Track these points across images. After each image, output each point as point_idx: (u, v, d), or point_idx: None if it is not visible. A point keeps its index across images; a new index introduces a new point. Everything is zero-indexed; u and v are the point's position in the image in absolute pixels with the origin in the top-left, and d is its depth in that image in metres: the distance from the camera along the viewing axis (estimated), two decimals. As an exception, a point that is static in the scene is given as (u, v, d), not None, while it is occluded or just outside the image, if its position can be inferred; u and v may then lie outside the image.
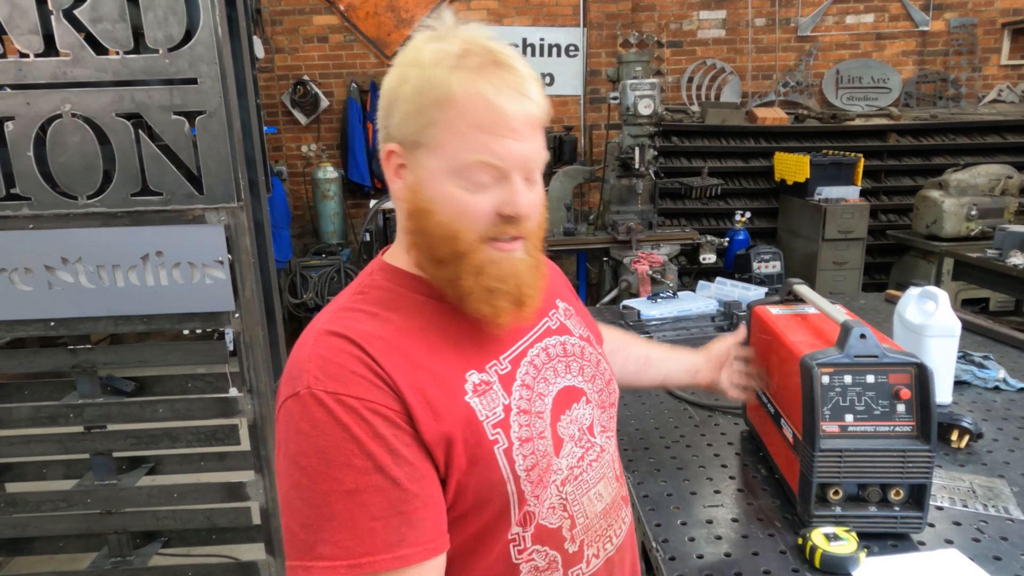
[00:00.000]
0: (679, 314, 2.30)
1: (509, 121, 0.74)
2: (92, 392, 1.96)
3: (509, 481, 0.76)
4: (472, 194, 0.75)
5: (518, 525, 0.79)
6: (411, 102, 0.75)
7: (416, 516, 0.69)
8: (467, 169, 0.74)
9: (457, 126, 0.73)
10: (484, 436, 0.75)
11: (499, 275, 0.77)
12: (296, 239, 5.61)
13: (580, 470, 0.85)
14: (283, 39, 5.47)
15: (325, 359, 0.71)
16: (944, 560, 1.04)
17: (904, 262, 4.86)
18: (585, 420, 0.88)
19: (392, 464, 0.69)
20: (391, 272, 0.83)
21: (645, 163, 4.23)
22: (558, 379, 0.87)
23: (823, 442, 1.07)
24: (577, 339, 0.94)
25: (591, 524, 0.86)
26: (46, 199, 1.71)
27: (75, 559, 2.51)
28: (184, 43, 1.63)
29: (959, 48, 5.68)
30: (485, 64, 0.74)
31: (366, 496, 0.68)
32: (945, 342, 1.52)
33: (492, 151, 0.74)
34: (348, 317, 0.77)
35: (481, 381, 0.78)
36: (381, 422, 0.69)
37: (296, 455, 0.70)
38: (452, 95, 0.73)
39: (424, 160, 0.76)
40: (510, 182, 0.76)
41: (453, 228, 0.75)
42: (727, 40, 5.67)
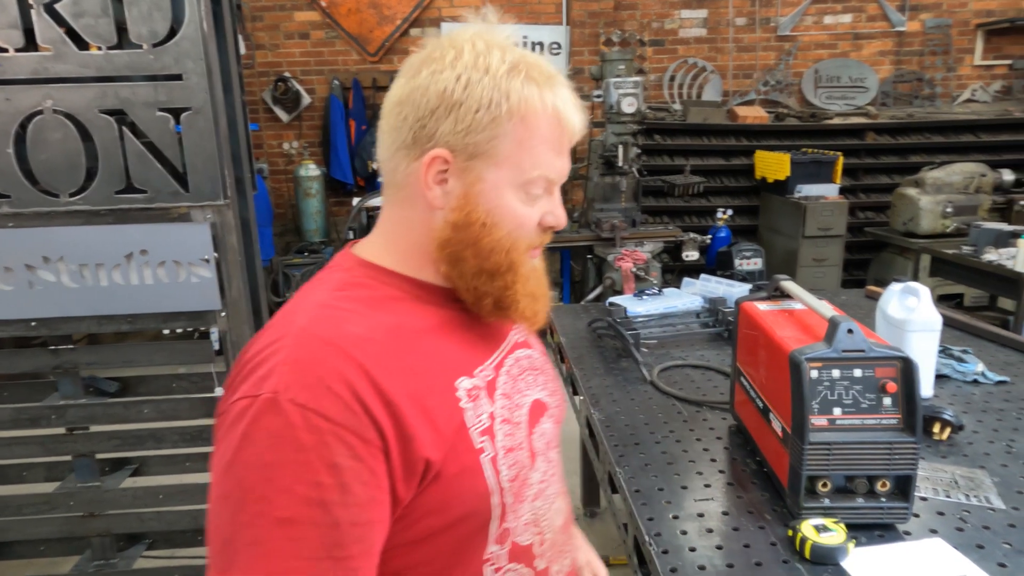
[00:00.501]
0: (665, 311, 2.32)
1: (572, 137, 0.76)
2: (74, 393, 1.93)
3: (495, 492, 0.73)
4: (527, 206, 0.76)
5: (495, 543, 0.76)
6: (482, 111, 0.71)
7: (349, 566, 0.62)
8: (530, 184, 0.74)
9: (529, 141, 0.73)
10: (471, 444, 0.72)
11: (537, 281, 0.80)
12: (278, 237, 5.56)
13: (546, 484, 0.84)
14: (264, 35, 5.42)
15: (302, 365, 0.64)
16: (929, 549, 1.06)
17: (881, 259, 4.94)
18: (549, 434, 0.87)
19: (339, 502, 0.61)
20: (373, 269, 0.78)
21: (628, 161, 4.26)
22: (529, 391, 0.85)
23: (812, 435, 1.09)
24: (538, 353, 0.93)
25: (556, 539, 0.85)
26: (27, 197, 1.68)
27: (56, 563, 2.47)
28: (169, 38, 1.61)
29: (934, 48, 5.79)
30: (552, 77, 0.75)
31: (299, 530, 0.60)
32: (927, 336, 1.55)
33: (554, 167, 0.75)
34: (336, 317, 0.69)
35: (473, 386, 0.75)
36: (344, 451, 0.61)
37: (235, 463, 0.61)
38: (530, 108, 0.72)
39: (483, 171, 0.73)
40: (553, 194, 0.78)
41: (512, 241, 0.75)
42: (708, 39, 5.72)
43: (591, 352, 2.07)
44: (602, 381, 1.82)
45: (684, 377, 1.83)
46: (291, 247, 5.37)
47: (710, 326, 2.19)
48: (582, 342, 2.17)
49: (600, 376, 1.86)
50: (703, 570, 1.04)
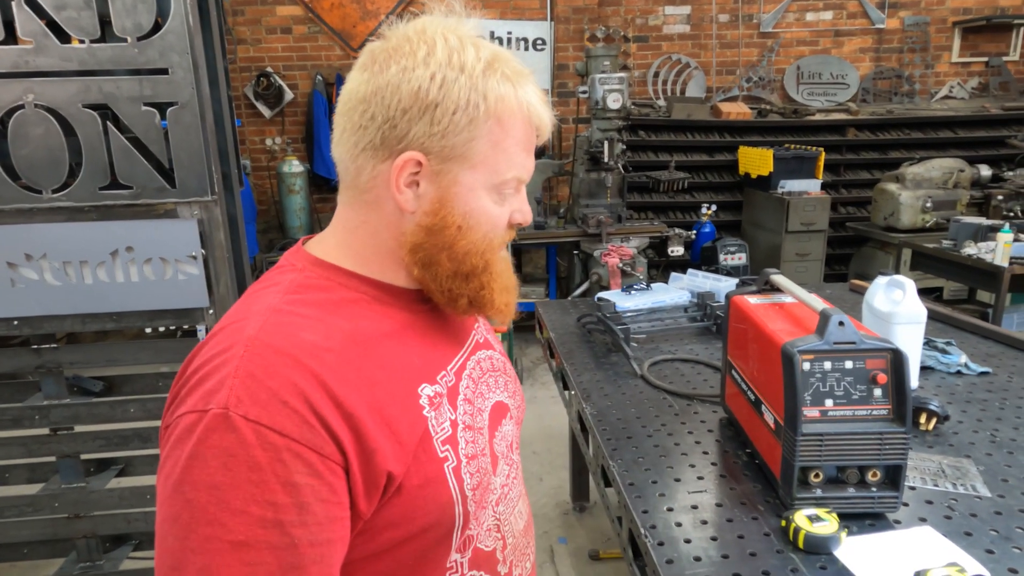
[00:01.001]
0: (653, 305, 2.33)
1: (543, 135, 0.75)
2: (58, 393, 1.90)
3: (458, 502, 0.70)
4: (500, 207, 0.74)
5: (457, 551, 0.74)
6: (459, 113, 0.67)
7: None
8: (504, 185, 0.73)
9: (504, 141, 0.71)
10: (434, 454, 0.69)
11: (508, 273, 0.80)
12: (261, 234, 5.51)
13: (508, 488, 0.83)
14: (245, 30, 5.36)
15: (255, 379, 0.59)
16: (919, 537, 1.08)
17: (863, 253, 5.01)
18: (510, 437, 0.86)
19: (297, 522, 0.58)
20: (328, 269, 0.73)
21: (614, 157, 4.27)
22: (491, 394, 0.83)
23: (805, 427, 1.10)
24: (498, 354, 0.92)
25: (517, 543, 0.84)
26: (8, 193, 1.64)
27: (38, 566, 2.43)
28: (154, 32, 1.59)
29: (913, 45, 5.87)
30: (521, 75, 0.72)
31: (254, 553, 0.56)
32: (912, 329, 1.58)
33: (525, 167, 0.74)
34: (290, 324, 0.64)
35: (435, 393, 0.73)
36: (301, 468, 0.58)
37: (184, 483, 0.57)
38: (508, 109, 0.70)
39: (459, 174, 0.70)
40: (520, 191, 0.76)
41: (488, 242, 0.74)
42: (692, 35, 5.75)
43: (581, 347, 2.08)
44: (593, 376, 1.83)
45: (674, 371, 1.84)
46: (274, 244, 5.32)
47: (698, 320, 2.20)
48: (571, 337, 2.18)
49: (591, 371, 1.87)
50: (698, 561, 1.05)
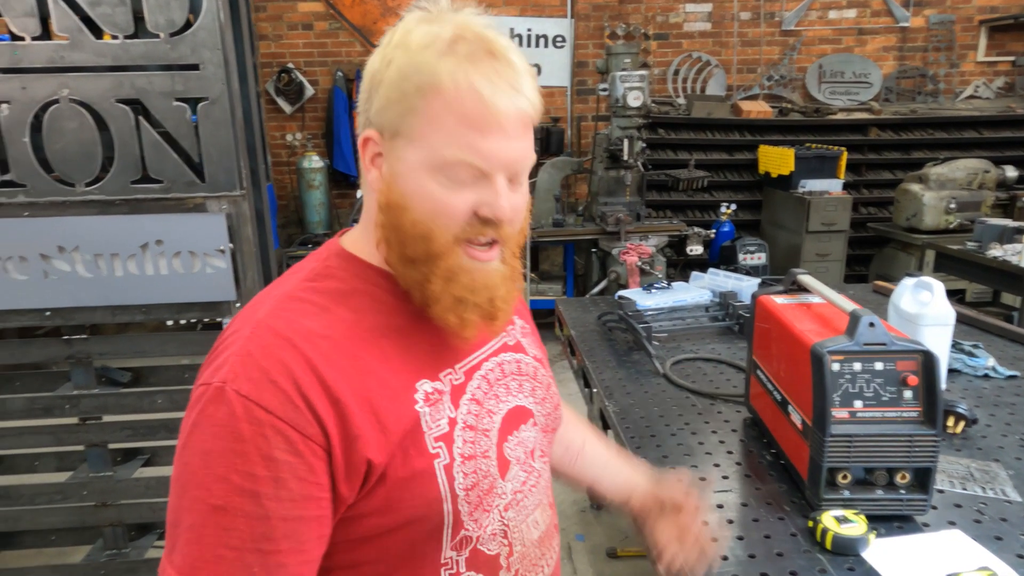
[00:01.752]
0: (674, 304, 2.33)
1: (499, 118, 0.67)
2: (87, 383, 1.93)
3: (446, 500, 0.70)
4: (450, 192, 0.68)
5: (452, 549, 0.73)
6: (394, 87, 0.68)
7: (275, 561, 0.62)
8: (448, 166, 0.68)
9: (442, 118, 0.67)
10: (425, 448, 0.70)
11: (471, 285, 0.71)
12: (281, 229, 5.56)
13: (522, 495, 0.80)
14: (267, 26, 5.40)
15: (251, 357, 0.64)
16: (949, 540, 1.07)
17: (884, 254, 4.95)
18: (530, 443, 0.83)
19: (271, 494, 0.61)
20: (349, 260, 0.76)
21: (634, 155, 4.26)
22: (510, 397, 0.81)
23: (833, 427, 1.10)
24: (531, 359, 0.89)
25: (527, 552, 0.81)
26: (42, 186, 1.68)
27: (65, 552, 2.47)
28: (186, 28, 1.61)
29: (938, 44, 5.79)
30: (478, 53, 0.67)
31: (230, 519, 0.61)
32: (940, 331, 1.56)
33: (476, 150, 0.67)
34: (295, 310, 0.69)
35: (434, 390, 0.73)
36: (282, 445, 0.62)
37: (185, 448, 0.64)
38: (439, 83, 0.66)
39: (402, 151, 0.69)
40: (492, 182, 0.69)
41: (427, 227, 0.69)
42: (712, 33, 5.71)
43: (602, 345, 2.08)
44: (615, 374, 1.83)
45: (696, 370, 1.84)
46: (294, 239, 5.36)
47: (720, 320, 2.19)
48: (592, 335, 2.18)
49: (612, 369, 1.87)
50: (725, 560, 1.05)
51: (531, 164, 0.74)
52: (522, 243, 0.78)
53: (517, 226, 0.74)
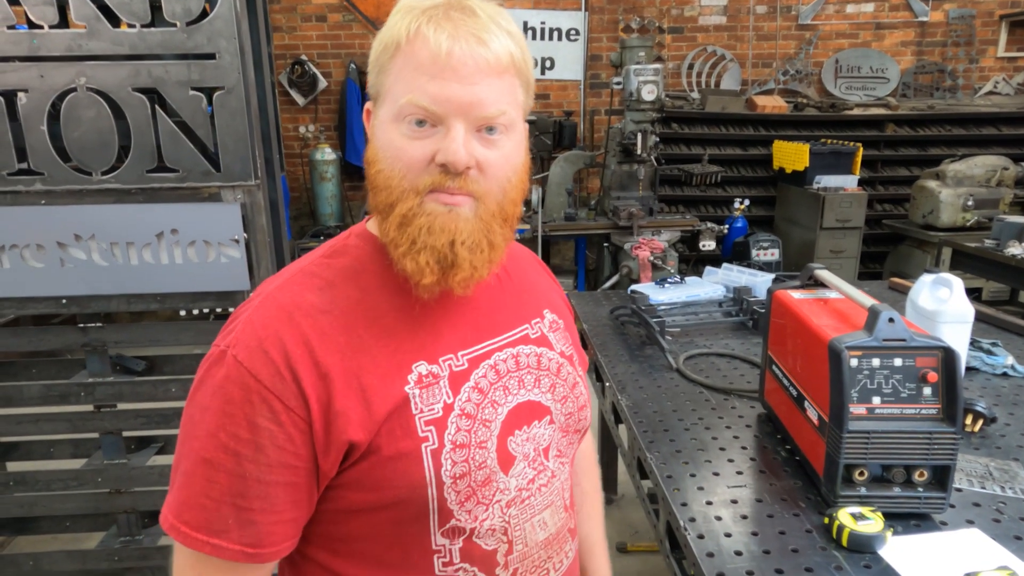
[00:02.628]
0: (688, 299, 2.31)
1: (451, 62, 0.67)
2: (102, 371, 1.94)
3: (431, 485, 0.70)
4: (411, 140, 0.69)
5: (444, 537, 0.73)
6: (373, 53, 0.73)
7: (247, 518, 0.66)
8: (404, 111, 0.68)
9: (401, 70, 0.69)
10: (413, 431, 0.70)
11: (428, 226, 0.69)
12: (293, 221, 5.57)
13: (528, 493, 0.79)
14: (281, 18, 5.40)
15: (252, 325, 0.69)
16: (967, 539, 1.06)
17: (899, 251, 4.91)
18: (543, 441, 0.81)
19: (251, 457, 0.66)
20: (367, 240, 0.78)
21: (647, 149, 4.23)
22: (522, 391, 0.80)
23: (851, 424, 1.08)
24: (556, 355, 0.86)
25: (529, 552, 0.79)
26: (59, 174, 1.69)
27: (79, 538, 2.50)
28: (202, 17, 1.61)
29: (957, 39, 5.71)
30: (441, 8, 0.69)
31: (214, 472, 0.66)
32: (958, 328, 1.54)
33: (425, 91, 0.67)
34: (303, 283, 0.73)
35: (429, 373, 0.73)
36: (265, 412, 0.66)
37: (191, 401, 0.70)
38: (398, 37, 0.69)
39: (378, 110, 0.73)
40: (450, 130, 0.68)
41: (388, 176, 0.70)
42: (728, 27, 5.66)
43: (614, 339, 2.07)
44: (627, 368, 1.83)
45: (710, 365, 1.83)
46: (306, 231, 5.38)
47: (733, 315, 2.18)
48: (605, 329, 2.17)
49: (625, 363, 1.86)
50: (739, 555, 1.05)
51: (506, 116, 0.71)
52: (509, 210, 0.74)
53: (495, 183, 0.71)
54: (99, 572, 2.10)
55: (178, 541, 0.68)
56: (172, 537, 0.68)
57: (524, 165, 0.76)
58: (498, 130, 0.71)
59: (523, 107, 0.75)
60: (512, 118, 0.72)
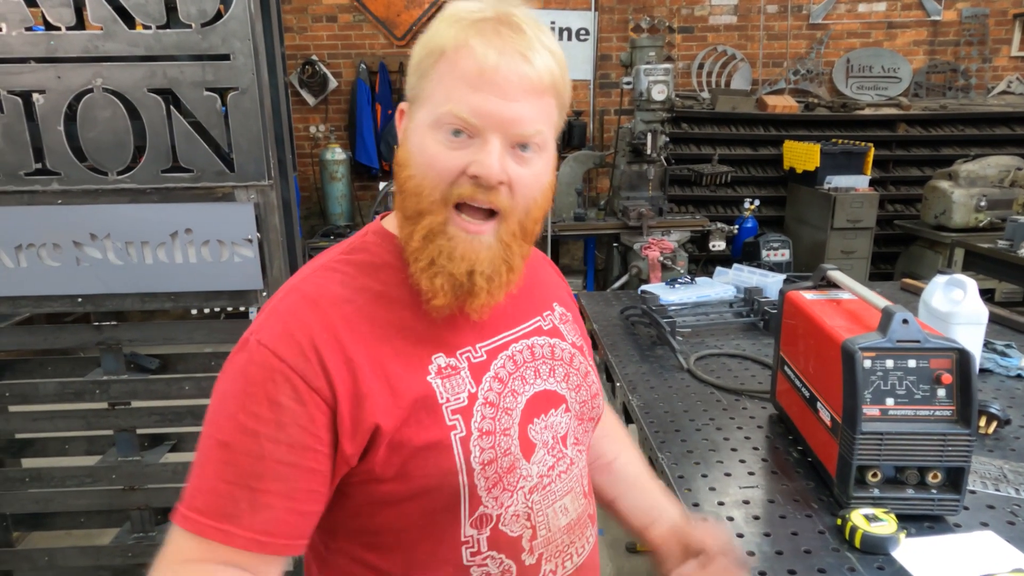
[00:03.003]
0: (698, 300, 2.31)
1: (495, 77, 0.68)
2: (117, 369, 1.96)
3: (461, 472, 0.72)
4: (446, 149, 0.70)
5: (472, 527, 0.74)
6: (415, 57, 0.74)
7: (262, 501, 0.65)
8: (442, 120, 0.70)
9: (444, 77, 0.70)
10: (442, 420, 0.72)
11: (449, 251, 0.71)
12: (303, 220, 5.60)
13: (549, 480, 0.80)
14: (292, 18, 5.42)
15: (278, 314, 0.71)
16: (982, 541, 1.06)
17: (911, 252, 4.87)
18: (560, 429, 0.83)
19: (270, 435, 0.65)
20: (384, 237, 0.80)
21: (657, 149, 4.23)
22: (538, 381, 0.82)
23: (864, 425, 1.08)
24: (568, 345, 0.88)
25: (553, 538, 0.81)
26: (76, 174, 1.70)
27: (93, 535, 2.53)
28: (217, 19, 1.62)
29: (970, 39, 5.66)
30: (490, 22, 0.71)
31: (230, 454, 0.65)
32: (972, 330, 1.54)
33: (467, 103, 0.69)
34: (325, 277, 0.75)
35: (448, 365, 0.74)
36: (288, 391, 0.66)
37: (214, 391, 0.71)
38: (444, 45, 0.70)
39: (416, 113, 0.73)
40: (487, 143, 0.69)
41: (419, 182, 0.71)
42: (738, 27, 5.64)
43: (625, 339, 2.07)
44: (638, 368, 1.83)
45: (721, 366, 1.82)
46: (316, 230, 5.40)
47: (744, 316, 2.17)
48: (615, 329, 2.17)
49: (635, 363, 1.86)
50: (752, 556, 1.05)
51: (543, 136, 0.72)
52: (530, 227, 0.75)
53: (522, 202, 0.72)
54: (112, 568, 2.12)
55: (184, 528, 0.65)
56: (177, 525, 0.66)
57: (551, 185, 0.77)
58: (531, 148, 0.72)
59: (556, 127, 0.77)
60: (546, 138, 0.74)
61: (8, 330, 2.08)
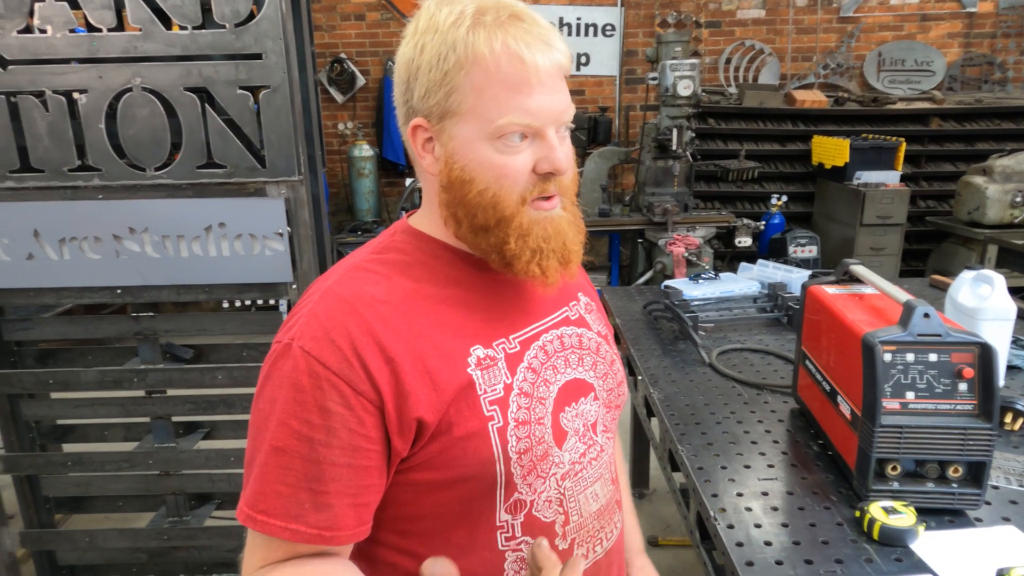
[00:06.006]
0: (722, 295, 2.31)
1: (540, 76, 0.71)
2: (153, 358, 2.03)
3: (499, 461, 0.74)
4: (509, 156, 0.72)
5: (507, 512, 0.77)
6: (434, 70, 0.71)
7: (323, 501, 0.69)
8: (503, 131, 0.71)
9: (485, 87, 0.70)
10: (480, 411, 0.74)
11: (544, 235, 0.76)
12: (331, 216, 5.68)
13: (581, 466, 0.83)
14: (321, 16, 5.50)
15: (317, 318, 0.71)
16: (1003, 536, 1.06)
17: (943, 249, 4.78)
18: (591, 416, 0.85)
19: (324, 441, 0.68)
20: (413, 235, 0.82)
21: (683, 145, 4.21)
22: (568, 369, 0.84)
23: (884, 418, 1.09)
24: (595, 334, 0.90)
25: (584, 523, 0.83)
26: (116, 170, 1.77)
27: (129, 518, 2.62)
28: (250, 19, 1.67)
29: (1007, 31, 5.52)
30: (504, 18, 0.71)
31: (288, 459, 0.68)
32: (1000, 326, 1.52)
33: (526, 110, 0.71)
34: (359, 278, 0.76)
35: (486, 356, 0.76)
36: (336, 398, 0.68)
37: (259, 396, 0.72)
38: (477, 54, 0.70)
39: (454, 129, 0.73)
40: (545, 138, 0.73)
41: (493, 194, 0.73)
42: (767, 21, 5.58)
43: (647, 334, 2.08)
44: (660, 362, 1.84)
45: (743, 360, 1.83)
46: (344, 226, 5.48)
47: (768, 311, 2.17)
48: (637, 324, 2.19)
49: (657, 357, 1.88)
50: (769, 546, 1.06)
51: (572, 113, 0.77)
52: (576, 191, 0.82)
53: (570, 175, 0.78)
54: (149, 550, 2.19)
55: (255, 530, 0.70)
56: (248, 527, 0.70)
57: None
58: (564, 127, 0.77)
59: None
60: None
61: (51, 320, 2.16)
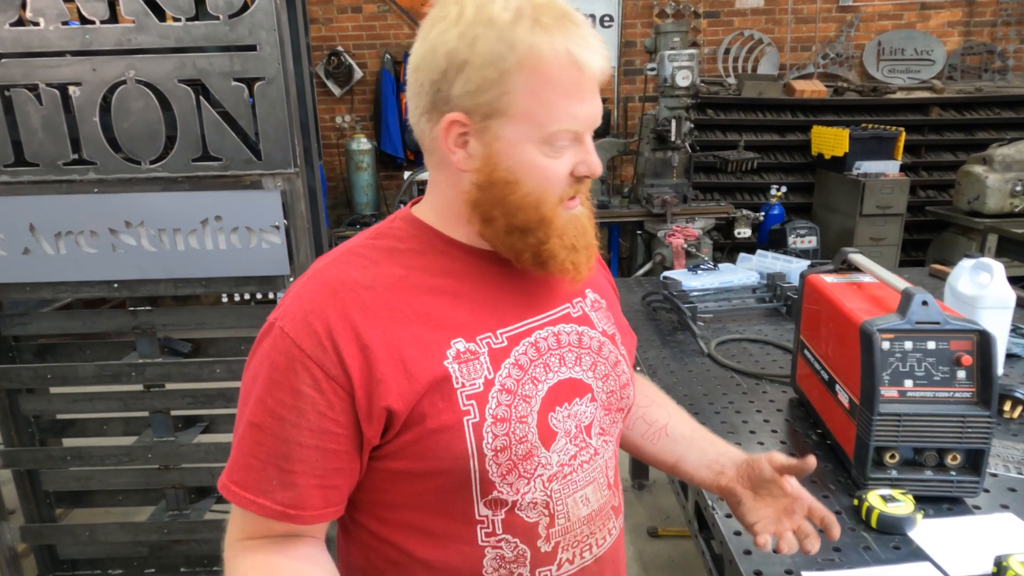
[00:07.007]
0: (720, 285, 2.31)
1: (592, 83, 0.71)
2: (152, 352, 2.03)
3: (472, 457, 0.73)
4: (554, 159, 0.73)
5: (486, 508, 0.76)
6: (488, 67, 0.69)
7: (289, 479, 0.71)
8: (553, 138, 0.71)
9: (541, 92, 0.69)
10: (456, 404, 0.73)
11: (575, 232, 0.77)
12: (329, 210, 5.67)
13: (571, 469, 0.80)
14: (317, 9, 5.47)
15: (300, 299, 0.73)
16: (1001, 524, 1.06)
17: (943, 239, 4.78)
18: (585, 418, 0.82)
19: (293, 422, 0.70)
20: (413, 223, 0.81)
21: (682, 136, 4.19)
22: (563, 368, 0.81)
23: (882, 406, 1.09)
24: (598, 334, 0.87)
25: (571, 527, 0.81)
26: (111, 164, 1.76)
27: (130, 512, 2.62)
28: (244, 10, 1.66)
29: (1007, 19, 5.49)
30: (562, 21, 0.69)
31: (261, 435, 0.71)
32: (999, 314, 1.52)
33: (575, 116, 0.71)
34: (348, 262, 0.76)
35: (466, 350, 0.75)
36: (308, 380, 0.70)
37: (246, 371, 0.75)
38: (539, 58, 0.68)
39: (502, 130, 0.71)
40: (583, 143, 0.74)
41: (537, 196, 0.73)
42: (766, 10, 5.55)
43: (646, 325, 2.08)
44: (659, 353, 1.84)
45: (742, 350, 1.83)
46: (342, 219, 5.46)
47: (767, 301, 2.17)
48: (637, 315, 2.18)
49: (656, 348, 1.87)
50: (767, 534, 1.06)
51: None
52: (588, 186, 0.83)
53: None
54: (149, 543, 2.20)
55: (229, 500, 0.73)
56: (224, 496, 0.73)
57: None
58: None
59: None
60: None
61: (49, 315, 2.16)
